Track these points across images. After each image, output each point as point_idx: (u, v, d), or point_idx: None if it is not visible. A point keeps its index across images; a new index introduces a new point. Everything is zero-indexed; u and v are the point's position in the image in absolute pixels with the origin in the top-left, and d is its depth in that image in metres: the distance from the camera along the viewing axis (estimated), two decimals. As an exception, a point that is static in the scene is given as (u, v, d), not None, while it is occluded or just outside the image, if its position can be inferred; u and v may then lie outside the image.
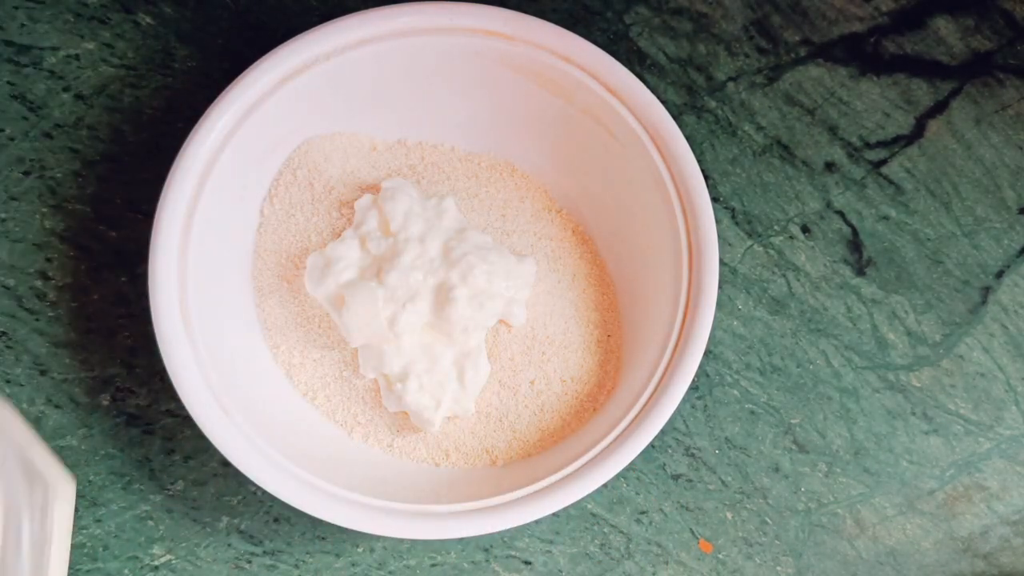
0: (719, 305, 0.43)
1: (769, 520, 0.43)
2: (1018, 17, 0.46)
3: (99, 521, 0.39)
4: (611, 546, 0.42)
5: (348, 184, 0.40)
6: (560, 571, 0.42)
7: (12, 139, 0.40)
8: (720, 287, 0.44)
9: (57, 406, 0.39)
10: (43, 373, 0.39)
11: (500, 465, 0.39)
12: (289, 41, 0.36)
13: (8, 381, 0.39)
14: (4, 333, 0.39)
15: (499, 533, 0.41)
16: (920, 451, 0.44)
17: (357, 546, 0.41)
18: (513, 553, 0.41)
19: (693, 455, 0.43)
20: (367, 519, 0.34)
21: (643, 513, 0.42)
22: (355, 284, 0.38)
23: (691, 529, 0.43)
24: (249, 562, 0.40)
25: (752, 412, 0.43)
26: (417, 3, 0.37)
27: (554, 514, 0.42)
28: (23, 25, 0.41)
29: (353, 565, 0.40)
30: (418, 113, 0.41)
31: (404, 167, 0.41)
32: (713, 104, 0.44)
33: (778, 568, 0.43)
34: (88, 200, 0.40)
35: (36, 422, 0.39)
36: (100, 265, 0.40)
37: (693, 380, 0.36)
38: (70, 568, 0.39)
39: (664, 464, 0.43)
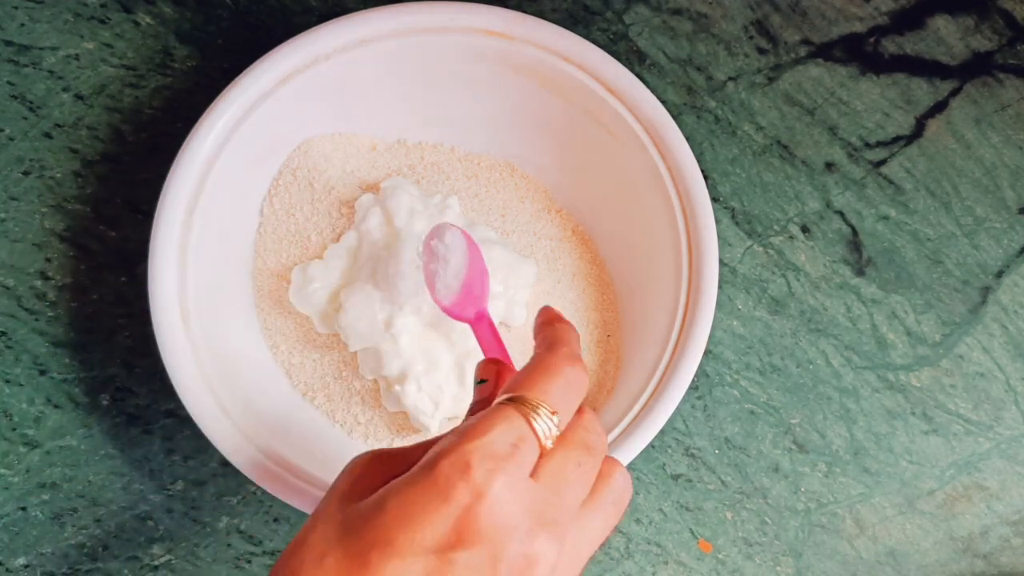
0: (719, 305, 0.43)
1: (769, 520, 0.43)
2: (1018, 17, 0.46)
3: (99, 521, 0.39)
4: (611, 546, 0.42)
5: (348, 184, 0.40)
6: (560, 571, 0.42)
7: (12, 139, 0.40)
8: (720, 287, 0.43)
9: (57, 406, 0.39)
10: (43, 373, 0.39)
11: (500, 465, 0.39)
12: (289, 41, 0.36)
13: (8, 381, 0.39)
14: (4, 333, 0.39)
15: (499, 533, 0.41)
16: (920, 451, 0.44)
17: (357, 546, 0.40)
18: (513, 553, 0.41)
19: (693, 455, 0.43)
20: (367, 519, 0.34)
21: (643, 513, 0.42)
22: (351, 288, 0.38)
23: (691, 529, 0.43)
24: (249, 562, 0.40)
25: (752, 412, 0.43)
26: (417, 3, 0.37)
27: (554, 514, 0.42)
28: (23, 25, 0.40)
29: (353, 565, 0.40)
30: (418, 113, 0.41)
31: (404, 167, 0.41)
32: (713, 104, 0.44)
33: (778, 568, 0.43)
34: (88, 200, 0.40)
35: (36, 422, 0.39)
36: (100, 265, 0.40)
37: (693, 380, 0.36)
38: (69, 568, 0.39)
39: (664, 464, 0.43)
